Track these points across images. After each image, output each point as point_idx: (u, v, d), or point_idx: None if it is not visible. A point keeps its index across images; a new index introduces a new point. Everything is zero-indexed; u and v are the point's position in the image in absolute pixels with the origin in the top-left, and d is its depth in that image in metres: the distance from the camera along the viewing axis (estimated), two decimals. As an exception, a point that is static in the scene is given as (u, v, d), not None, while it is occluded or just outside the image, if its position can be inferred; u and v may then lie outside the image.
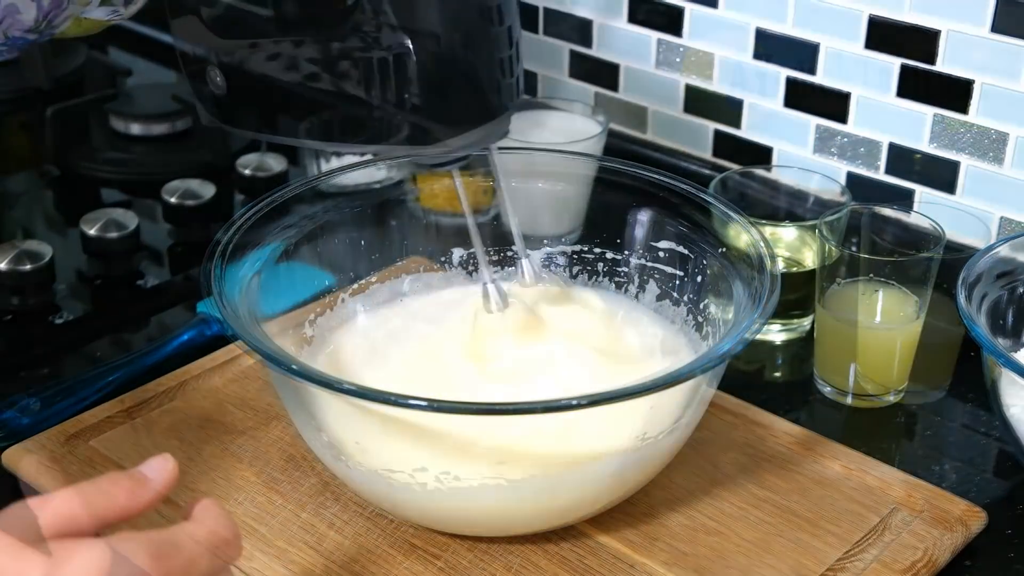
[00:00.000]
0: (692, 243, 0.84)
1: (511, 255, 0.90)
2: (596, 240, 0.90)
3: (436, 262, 0.92)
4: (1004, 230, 0.98)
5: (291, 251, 0.83)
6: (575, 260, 0.91)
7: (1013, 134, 0.95)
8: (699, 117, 1.14)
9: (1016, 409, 0.81)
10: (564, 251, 0.91)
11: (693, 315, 0.84)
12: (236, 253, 0.77)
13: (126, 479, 0.58)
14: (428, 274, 0.91)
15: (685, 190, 0.84)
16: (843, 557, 0.75)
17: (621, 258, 0.89)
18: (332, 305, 0.87)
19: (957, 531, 0.77)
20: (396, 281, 0.90)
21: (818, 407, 0.92)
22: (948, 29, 0.96)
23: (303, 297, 0.86)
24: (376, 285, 0.90)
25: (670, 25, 1.12)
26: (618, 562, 0.75)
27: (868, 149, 1.04)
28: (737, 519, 0.78)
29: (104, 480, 0.57)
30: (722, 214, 0.82)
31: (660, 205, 0.86)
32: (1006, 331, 0.86)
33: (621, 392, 0.66)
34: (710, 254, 0.82)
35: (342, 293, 0.88)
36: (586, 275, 0.91)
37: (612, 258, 0.89)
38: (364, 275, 0.89)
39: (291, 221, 0.83)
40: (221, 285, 0.74)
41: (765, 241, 0.77)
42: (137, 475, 0.59)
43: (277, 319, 0.81)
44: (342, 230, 0.87)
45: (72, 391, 0.89)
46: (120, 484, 0.58)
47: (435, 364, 0.82)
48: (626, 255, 0.89)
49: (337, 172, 0.88)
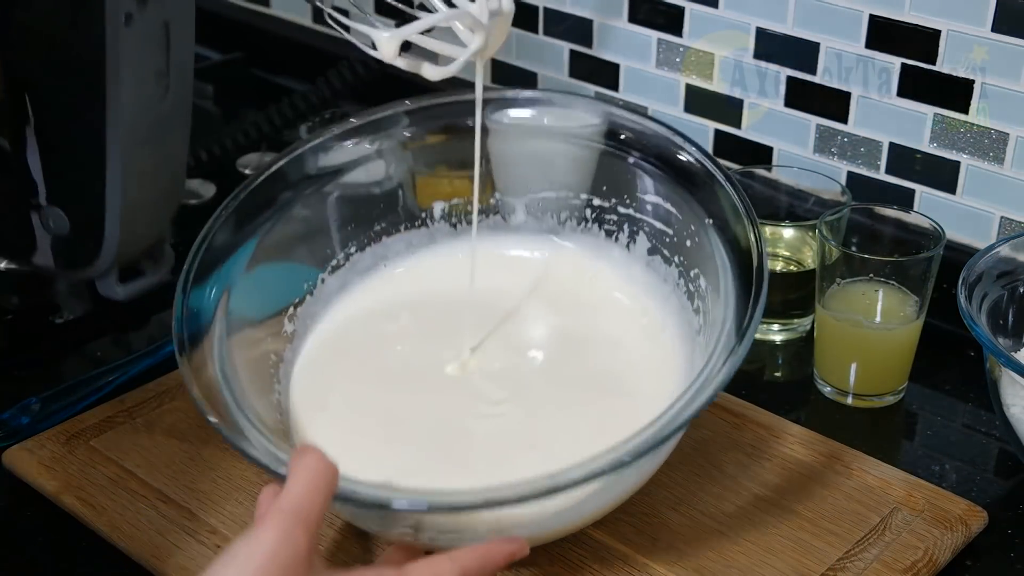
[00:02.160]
0: (681, 205, 0.81)
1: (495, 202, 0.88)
2: (583, 187, 0.87)
3: (417, 220, 0.89)
4: (1004, 230, 0.98)
5: (261, 256, 0.80)
6: (561, 206, 0.88)
7: (1013, 134, 0.95)
8: (699, 117, 1.14)
9: (1017, 409, 0.81)
10: (548, 197, 0.88)
11: (685, 280, 0.81)
12: (205, 271, 0.76)
13: (313, 448, 0.62)
14: (409, 232, 0.89)
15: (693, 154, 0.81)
16: (844, 557, 0.75)
17: (609, 206, 0.86)
18: (312, 289, 0.85)
19: (958, 531, 0.77)
20: (377, 245, 0.88)
21: (818, 407, 0.92)
22: (948, 29, 0.96)
23: (285, 297, 0.83)
24: (357, 255, 0.87)
25: (670, 25, 1.12)
26: (618, 562, 0.75)
27: (868, 149, 1.04)
28: (737, 519, 0.78)
29: (302, 457, 0.61)
30: (731, 205, 0.78)
31: (649, 157, 0.83)
32: (1007, 331, 0.86)
33: (608, 468, 0.64)
34: (698, 222, 0.79)
35: (322, 273, 0.85)
36: (574, 221, 0.88)
37: (599, 205, 0.87)
38: (343, 253, 0.86)
39: (257, 225, 0.81)
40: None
41: (760, 240, 0.74)
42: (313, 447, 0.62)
43: (259, 325, 0.80)
44: (312, 230, 0.85)
45: (72, 391, 0.89)
46: (314, 454, 0.62)
47: (417, 376, 0.81)
48: (613, 203, 0.86)
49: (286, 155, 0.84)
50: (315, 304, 0.85)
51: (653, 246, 0.84)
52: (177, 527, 0.77)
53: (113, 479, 0.81)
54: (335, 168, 0.85)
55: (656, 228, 0.83)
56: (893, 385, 0.91)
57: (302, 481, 0.60)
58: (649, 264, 0.85)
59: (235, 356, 0.74)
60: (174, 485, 0.80)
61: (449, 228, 0.90)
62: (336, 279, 0.86)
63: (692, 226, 0.80)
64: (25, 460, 0.82)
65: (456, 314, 0.84)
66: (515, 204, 0.89)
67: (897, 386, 0.91)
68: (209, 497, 0.79)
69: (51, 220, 0.85)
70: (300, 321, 0.84)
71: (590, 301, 0.86)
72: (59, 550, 0.78)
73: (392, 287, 0.87)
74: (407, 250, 0.89)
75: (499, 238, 0.89)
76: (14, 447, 0.83)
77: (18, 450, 0.83)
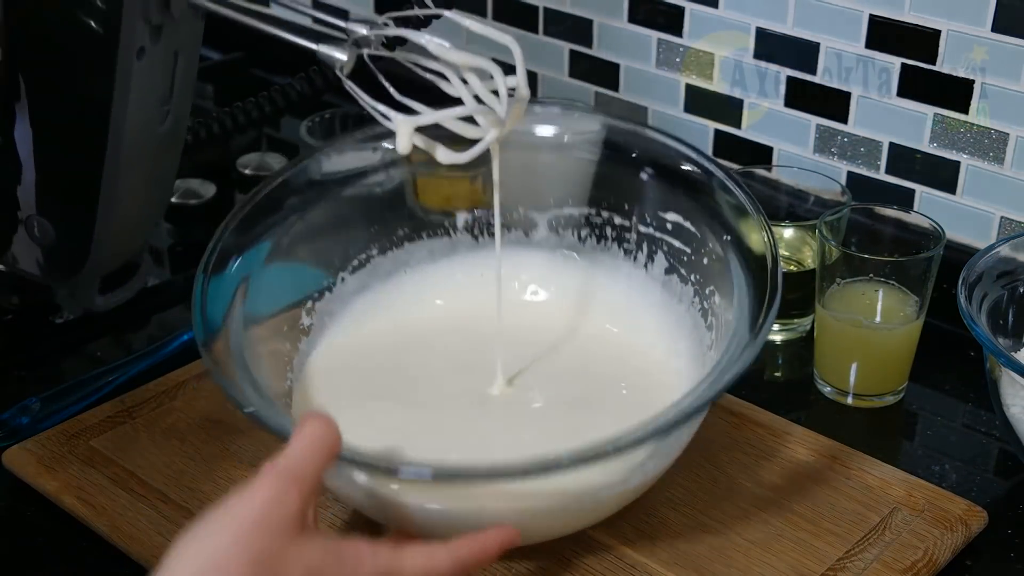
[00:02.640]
0: (699, 222, 0.81)
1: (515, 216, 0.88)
2: (604, 204, 0.87)
3: (440, 229, 0.89)
4: (1004, 230, 0.98)
5: (282, 250, 0.80)
6: (583, 223, 0.88)
7: (1013, 134, 0.95)
8: (699, 117, 1.14)
9: (1017, 409, 0.81)
10: (572, 214, 0.88)
11: (700, 298, 0.82)
12: (224, 260, 0.76)
13: (320, 415, 0.62)
14: (432, 240, 0.89)
15: (699, 165, 0.81)
16: (843, 557, 0.75)
17: (629, 224, 0.86)
18: (331, 286, 0.85)
19: (958, 531, 0.77)
20: (399, 251, 0.88)
21: (818, 407, 0.92)
22: (948, 29, 0.96)
23: (298, 296, 0.84)
24: (378, 258, 0.87)
25: (670, 25, 1.12)
26: (618, 562, 0.75)
27: (868, 149, 1.04)
28: (737, 519, 0.78)
29: (306, 424, 0.61)
30: (735, 205, 0.79)
31: (670, 174, 0.83)
32: (1007, 331, 0.86)
33: (615, 446, 0.64)
34: (715, 237, 0.80)
35: (341, 271, 0.86)
36: (594, 239, 0.88)
37: (620, 224, 0.87)
38: (364, 254, 0.87)
39: (280, 219, 0.81)
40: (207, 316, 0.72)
41: (773, 241, 0.76)
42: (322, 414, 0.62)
43: (272, 319, 0.80)
44: (336, 228, 0.85)
45: (72, 391, 0.89)
46: (320, 420, 0.62)
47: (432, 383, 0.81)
48: (634, 221, 0.86)
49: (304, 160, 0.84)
50: (334, 302, 0.85)
51: (671, 265, 0.85)
52: (177, 527, 0.76)
53: (113, 479, 0.81)
54: (355, 171, 0.85)
55: (674, 247, 0.84)
56: (893, 385, 0.91)
57: (302, 443, 0.60)
58: (666, 284, 0.85)
59: (252, 341, 0.74)
60: (174, 485, 0.80)
61: (471, 240, 0.90)
62: (356, 279, 0.86)
63: (709, 243, 0.80)
64: (25, 460, 0.82)
65: (481, 344, 0.83)
66: (537, 220, 0.89)
67: (897, 386, 0.91)
68: (209, 497, 0.79)
69: (38, 230, 0.84)
70: (318, 316, 0.84)
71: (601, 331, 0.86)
72: (59, 550, 0.78)
73: (418, 309, 0.88)
74: (429, 258, 0.89)
75: (520, 255, 0.89)
76: (14, 447, 0.83)
77: (18, 450, 0.83)
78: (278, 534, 0.57)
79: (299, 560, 0.57)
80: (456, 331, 0.86)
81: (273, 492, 0.58)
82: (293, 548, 0.57)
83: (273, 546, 0.56)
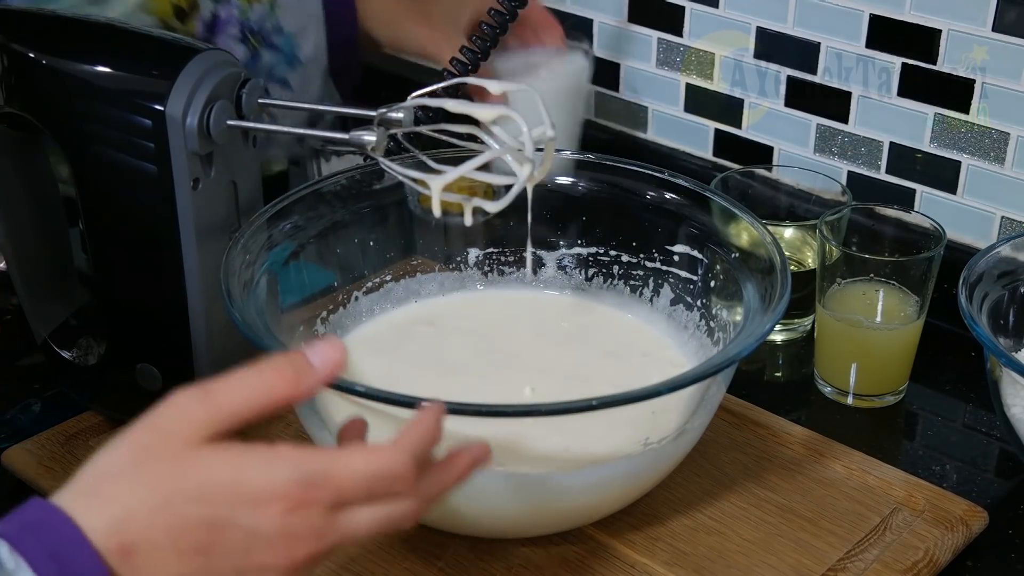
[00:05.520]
0: (705, 247, 0.84)
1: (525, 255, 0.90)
2: (612, 243, 0.89)
3: (451, 263, 0.92)
4: (1005, 230, 0.98)
5: (300, 251, 0.83)
6: (590, 262, 0.90)
7: (1014, 134, 0.95)
8: (699, 117, 1.14)
9: (1017, 409, 0.81)
10: (579, 253, 0.91)
11: (706, 320, 0.84)
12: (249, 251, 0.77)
13: (289, 368, 0.55)
14: (443, 274, 0.91)
15: (697, 192, 0.84)
16: (844, 557, 0.75)
17: (636, 261, 0.89)
18: (345, 303, 0.87)
19: (958, 531, 0.77)
20: (411, 280, 0.90)
21: (818, 407, 0.92)
22: (948, 29, 0.96)
23: (311, 293, 0.85)
24: (391, 284, 0.89)
25: (670, 25, 1.12)
26: (618, 562, 0.75)
27: (869, 149, 1.04)
28: (738, 519, 0.78)
29: (267, 368, 0.55)
30: (730, 213, 0.82)
31: (674, 208, 0.85)
32: (1007, 331, 0.86)
33: (624, 397, 0.65)
34: (722, 257, 0.82)
35: (356, 291, 0.88)
36: (601, 278, 0.90)
37: (627, 261, 0.89)
38: (377, 271, 0.89)
39: (297, 222, 0.82)
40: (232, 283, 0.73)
41: (776, 244, 0.77)
42: (300, 364, 0.56)
43: (285, 315, 0.81)
44: (350, 230, 0.87)
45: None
46: (283, 372, 0.55)
47: (444, 366, 0.83)
48: (641, 258, 0.88)
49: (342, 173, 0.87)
50: (347, 317, 0.87)
51: (676, 296, 0.86)
52: (177, 527, 0.77)
53: (113, 479, 0.80)
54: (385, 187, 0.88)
55: (681, 277, 0.86)
56: (893, 385, 0.91)
57: (244, 373, 0.55)
58: (671, 315, 0.87)
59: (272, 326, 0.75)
60: (174, 485, 0.80)
61: (481, 276, 0.92)
62: (369, 300, 0.88)
63: (717, 266, 0.83)
64: (25, 460, 0.82)
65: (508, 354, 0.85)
66: (546, 259, 0.91)
67: (897, 386, 0.91)
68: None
69: (145, 377, 0.84)
70: (331, 327, 0.86)
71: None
72: (59, 550, 0.78)
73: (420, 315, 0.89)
74: (439, 291, 0.91)
75: (528, 292, 0.91)
76: (14, 447, 0.83)
77: (18, 450, 0.83)
78: (166, 434, 0.53)
79: (194, 473, 0.52)
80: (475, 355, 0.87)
81: (175, 400, 0.54)
82: (189, 456, 0.52)
83: (158, 444, 0.52)
